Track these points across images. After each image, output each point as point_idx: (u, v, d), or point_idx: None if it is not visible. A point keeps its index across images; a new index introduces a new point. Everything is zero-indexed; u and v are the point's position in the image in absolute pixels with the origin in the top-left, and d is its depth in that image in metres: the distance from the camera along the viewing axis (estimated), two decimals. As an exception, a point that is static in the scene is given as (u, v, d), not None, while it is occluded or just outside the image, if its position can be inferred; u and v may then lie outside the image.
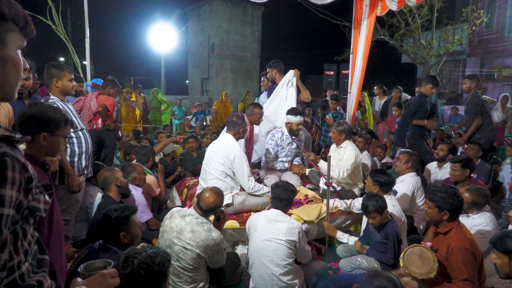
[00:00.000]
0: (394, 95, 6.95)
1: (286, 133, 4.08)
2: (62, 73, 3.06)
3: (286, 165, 4.17)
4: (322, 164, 3.59)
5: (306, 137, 4.60)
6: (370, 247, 2.90)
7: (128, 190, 3.14)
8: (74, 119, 3.09)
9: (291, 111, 3.99)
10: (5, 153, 0.81)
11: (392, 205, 3.08)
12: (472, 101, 4.83)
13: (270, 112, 4.46)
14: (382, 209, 2.72)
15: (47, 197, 0.99)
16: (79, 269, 1.18)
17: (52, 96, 3.04)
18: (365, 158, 4.90)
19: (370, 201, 2.74)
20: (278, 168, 4.19)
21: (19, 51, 0.90)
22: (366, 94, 8.02)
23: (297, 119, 3.94)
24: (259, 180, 4.06)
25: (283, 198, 2.61)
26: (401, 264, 2.26)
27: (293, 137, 4.08)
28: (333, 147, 4.03)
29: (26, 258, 0.91)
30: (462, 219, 2.82)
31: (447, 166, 4.18)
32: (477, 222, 2.87)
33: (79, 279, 1.11)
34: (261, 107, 3.97)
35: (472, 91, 4.85)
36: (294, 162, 4.28)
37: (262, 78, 5.23)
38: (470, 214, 2.92)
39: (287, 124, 4.05)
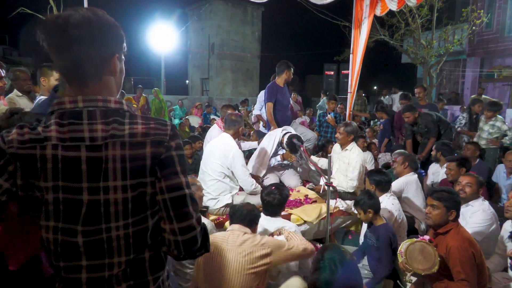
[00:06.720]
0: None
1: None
2: (51, 72, 3.09)
3: (279, 158, 4.11)
4: (321, 162, 3.57)
5: (312, 137, 4.71)
6: (367, 254, 2.90)
7: None
8: None
9: None
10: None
11: (391, 203, 3.08)
12: (427, 119, 5.04)
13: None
14: (369, 207, 2.74)
15: None
16: None
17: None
18: (367, 156, 4.93)
19: (363, 196, 2.83)
20: (273, 164, 4.15)
21: None
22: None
23: None
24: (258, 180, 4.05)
25: (268, 202, 2.67)
26: (400, 259, 2.26)
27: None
28: (337, 148, 4.01)
29: None
30: (463, 208, 2.89)
31: (447, 165, 4.21)
32: (476, 209, 2.92)
33: None
34: (234, 108, 4.20)
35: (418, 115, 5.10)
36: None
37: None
38: (469, 203, 2.97)
39: None
